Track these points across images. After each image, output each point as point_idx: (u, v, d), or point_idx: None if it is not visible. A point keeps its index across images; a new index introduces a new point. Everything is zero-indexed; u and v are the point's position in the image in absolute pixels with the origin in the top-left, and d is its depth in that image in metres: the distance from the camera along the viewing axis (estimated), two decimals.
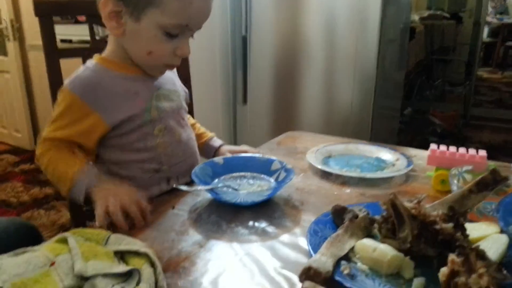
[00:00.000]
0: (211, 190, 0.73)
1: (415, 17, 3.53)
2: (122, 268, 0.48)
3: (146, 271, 0.48)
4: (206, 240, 0.63)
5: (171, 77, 0.90)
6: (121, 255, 0.52)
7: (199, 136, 1.00)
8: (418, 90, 3.80)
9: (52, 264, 0.47)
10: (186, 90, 0.95)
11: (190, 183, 0.79)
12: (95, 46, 1.09)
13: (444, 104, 4.13)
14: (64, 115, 0.76)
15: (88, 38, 1.13)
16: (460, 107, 3.95)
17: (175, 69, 0.96)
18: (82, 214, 1.04)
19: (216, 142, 1.00)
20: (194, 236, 0.64)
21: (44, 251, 0.48)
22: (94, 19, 1.08)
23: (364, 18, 1.90)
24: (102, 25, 1.09)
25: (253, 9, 2.10)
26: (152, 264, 0.50)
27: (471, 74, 4.20)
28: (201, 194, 0.78)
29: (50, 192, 2.67)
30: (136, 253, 0.51)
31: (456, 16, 4.41)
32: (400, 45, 2.31)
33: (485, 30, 5.99)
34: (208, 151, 1.00)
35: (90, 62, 0.80)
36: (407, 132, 3.27)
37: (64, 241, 0.51)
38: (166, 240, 0.63)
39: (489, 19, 6.38)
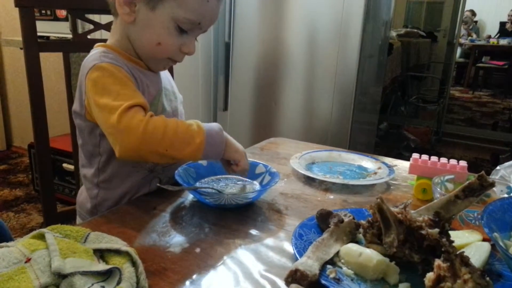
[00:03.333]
0: (194, 191, 0.72)
1: (393, 34, 3.63)
2: (102, 266, 0.46)
3: (127, 270, 0.47)
4: (188, 242, 0.61)
5: (169, 78, 0.89)
6: (101, 254, 0.49)
7: None
8: (393, 105, 3.89)
9: (28, 260, 0.44)
10: (181, 97, 0.93)
11: (174, 184, 0.77)
12: (77, 40, 1.06)
13: (417, 120, 4.25)
14: (124, 82, 0.71)
15: (66, 35, 1.10)
16: (433, 123, 4.07)
17: (169, 74, 0.94)
18: (56, 217, 1.00)
19: None
20: (176, 237, 0.62)
21: (19, 247, 0.46)
22: (76, 12, 1.06)
23: (345, 32, 1.93)
24: (84, 20, 1.07)
25: (236, 16, 2.10)
26: (133, 264, 0.48)
27: (444, 92, 4.35)
28: (184, 195, 0.77)
29: (21, 194, 2.58)
30: (117, 252, 0.49)
31: (431, 35, 4.56)
32: (379, 60, 2.36)
33: (458, 51, 6.23)
34: None
35: (100, 49, 0.77)
36: (382, 146, 3.34)
37: (41, 237, 0.48)
38: (148, 241, 0.61)
39: (461, 40, 6.65)
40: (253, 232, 0.65)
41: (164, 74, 0.87)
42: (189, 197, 0.76)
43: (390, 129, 3.71)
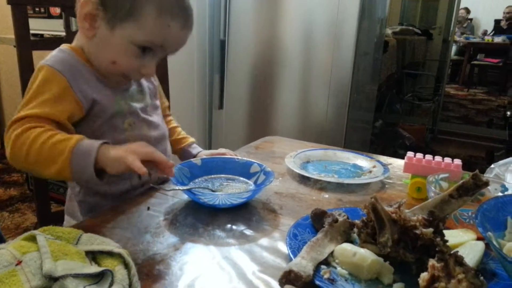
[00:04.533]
0: (188, 191, 0.71)
1: (388, 31, 3.62)
2: (94, 268, 0.45)
3: (120, 272, 0.46)
4: (182, 243, 0.61)
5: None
6: (93, 256, 0.49)
7: (179, 141, 0.98)
8: (389, 103, 3.89)
9: (19, 263, 0.44)
10: (155, 83, 0.91)
11: (166, 182, 0.77)
12: (70, 38, 1.05)
13: (412, 118, 4.25)
14: (43, 91, 0.69)
15: (60, 33, 1.09)
16: (428, 121, 4.07)
17: None
18: (49, 217, 0.99)
19: (195, 149, 0.98)
20: (169, 238, 0.62)
21: (10, 249, 0.45)
22: (70, 10, 1.05)
23: (340, 30, 1.93)
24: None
25: (232, 13, 2.09)
26: (126, 266, 0.48)
27: (439, 90, 4.36)
28: (177, 195, 0.76)
29: (15, 194, 2.56)
30: (109, 254, 0.49)
31: (426, 32, 4.57)
32: (374, 58, 2.36)
33: (453, 48, 6.25)
34: (186, 157, 0.97)
35: (63, 47, 0.76)
36: (377, 144, 3.34)
37: (33, 239, 0.47)
38: (141, 241, 0.60)
39: (456, 37, 6.67)
40: (248, 232, 0.65)
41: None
42: (183, 197, 0.75)
43: (386, 127, 3.71)
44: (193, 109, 2.28)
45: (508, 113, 3.39)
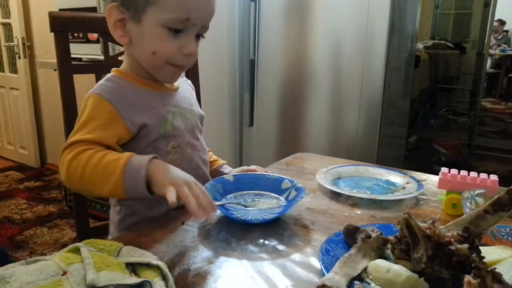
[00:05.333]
0: (221, 207, 0.73)
1: (419, 46, 3.58)
2: (134, 279, 0.47)
3: (158, 283, 0.48)
4: (216, 257, 0.62)
5: (188, 96, 0.90)
6: (133, 267, 0.51)
7: (211, 163, 1.00)
8: (422, 118, 3.82)
9: (64, 273, 0.46)
10: (203, 114, 0.94)
11: None
12: (109, 62, 1.11)
13: (448, 133, 4.14)
14: (93, 118, 0.73)
15: (98, 57, 1.15)
16: (464, 136, 3.96)
17: (193, 91, 0.97)
18: (88, 232, 1.03)
19: (227, 169, 1.00)
20: (204, 252, 0.63)
21: (56, 260, 0.48)
22: (107, 35, 1.11)
23: (370, 46, 1.93)
24: (115, 42, 1.12)
25: (261, 33, 2.14)
26: (164, 277, 0.50)
27: (475, 104, 4.24)
28: None
29: (54, 210, 2.67)
30: (148, 265, 0.51)
31: (459, 46, 4.48)
32: (405, 73, 2.34)
33: (488, 61, 6.08)
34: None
35: (109, 75, 0.81)
36: (412, 160, 3.27)
37: (77, 250, 0.50)
38: (177, 255, 0.62)
39: (491, 51, 6.48)
40: (280, 247, 0.65)
41: (183, 93, 0.88)
42: (216, 212, 0.77)
43: (420, 143, 3.63)
44: (224, 127, 2.32)
45: None
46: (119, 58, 1.14)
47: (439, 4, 5.06)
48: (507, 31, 7.32)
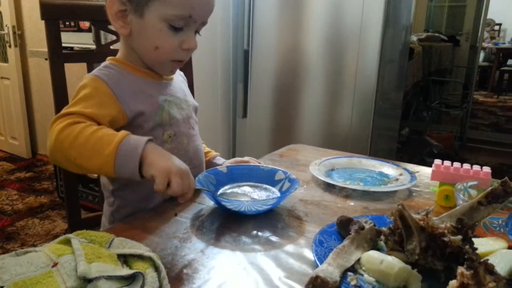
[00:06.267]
0: (214, 198, 0.72)
1: (413, 38, 3.58)
2: (126, 271, 0.47)
3: (150, 275, 0.47)
4: (209, 248, 0.62)
5: (182, 87, 0.90)
6: (125, 259, 0.51)
7: (204, 154, 1.00)
8: (415, 110, 3.83)
9: (55, 265, 0.46)
10: (197, 105, 0.94)
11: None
12: (100, 50, 1.09)
13: (440, 126, 4.17)
14: (90, 96, 0.72)
15: (89, 46, 1.14)
16: (456, 129, 3.98)
17: (186, 82, 0.96)
18: (80, 223, 1.02)
19: (220, 160, 0.99)
20: (197, 243, 0.63)
21: (47, 252, 0.47)
22: (99, 24, 1.09)
23: (365, 38, 1.92)
24: (107, 31, 1.11)
25: (255, 23, 2.12)
26: (156, 269, 0.49)
27: (468, 97, 4.26)
28: (204, 202, 0.78)
29: (45, 201, 2.65)
30: (140, 257, 0.50)
31: (453, 39, 4.48)
32: (399, 65, 2.34)
33: (481, 54, 6.11)
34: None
35: (106, 62, 0.81)
36: (404, 152, 3.28)
37: (67, 242, 0.50)
38: (169, 246, 0.62)
39: (484, 44, 6.52)
40: (273, 238, 0.65)
41: (177, 83, 0.88)
42: (209, 203, 0.77)
43: (412, 135, 3.65)
44: (217, 118, 2.31)
45: None
46: (111, 47, 1.13)
47: None
48: (500, 24, 7.36)
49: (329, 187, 0.87)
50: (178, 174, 0.63)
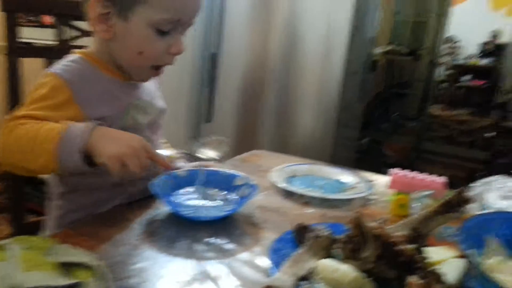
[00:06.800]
0: (170, 203, 0.70)
1: (378, 50, 3.69)
2: (65, 281, 0.44)
3: (93, 284, 0.45)
4: (161, 256, 0.59)
5: (151, 89, 0.86)
6: (68, 267, 0.47)
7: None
8: (376, 121, 3.94)
9: None
10: (165, 108, 0.90)
11: (149, 197, 0.75)
12: (62, 47, 1.04)
13: (398, 137, 4.30)
14: (47, 97, 0.67)
15: (52, 42, 1.09)
16: (413, 140, 4.12)
17: (157, 84, 0.91)
18: (24, 228, 0.96)
19: (181, 163, 0.97)
20: (148, 251, 0.60)
21: None
22: (62, 19, 1.04)
23: (330, 48, 1.96)
24: (71, 27, 1.06)
25: (225, 27, 2.10)
26: (102, 278, 0.46)
27: (425, 110, 4.43)
28: (159, 207, 0.75)
29: None
30: (84, 266, 0.47)
31: (414, 53, 4.66)
32: (363, 77, 2.39)
33: (439, 70, 6.39)
34: None
35: (74, 56, 0.75)
36: (363, 161, 3.36)
37: (3, 248, 0.46)
38: (118, 254, 0.58)
39: (443, 59, 6.82)
40: (229, 246, 0.63)
41: (146, 85, 0.84)
42: (164, 209, 0.74)
43: (372, 145, 3.74)
44: (182, 122, 2.27)
45: (491, 134, 3.45)
46: (74, 43, 1.08)
47: (400, 11, 5.22)
48: (457, 41, 7.73)
49: (288, 194, 0.87)
50: (132, 155, 0.61)
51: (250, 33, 2.08)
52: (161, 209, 0.74)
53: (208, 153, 0.82)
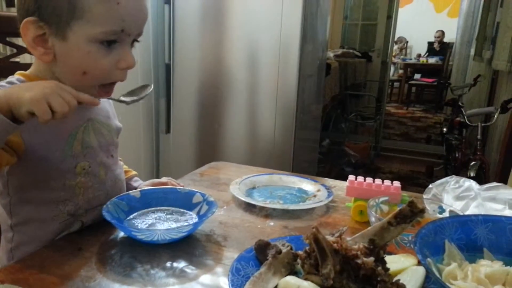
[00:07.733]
0: (125, 228, 0.67)
1: (330, 54, 3.77)
2: None
3: None
4: (116, 286, 0.56)
5: (106, 109, 0.80)
6: None
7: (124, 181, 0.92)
8: (334, 123, 4.02)
9: None
10: (120, 126, 0.84)
11: (101, 222, 0.71)
12: (2, 64, 0.98)
13: (357, 136, 4.42)
14: None
15: None
16: (371, 139, 4.25)
17: (111, 102, 0.84)
18: None
19: (137, 182, 0.91)
20: (102, 281, 0.57)
21: None
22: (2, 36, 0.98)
23: (284, 54, 1.97)
24: (6, 43, 0.99)
25: (176, 36, 2.07)
26: None
27: (380, 109, 4.58)
28: (113, 232, 0.71)
29: None
30: None
31: (366, 55, 4.80)
32: (317, 80, 2.43)
33: (391, 69, 6.64)
34: (128, 190, 0.91)
35: (13, 77, 0.69)
36: (325, 163, 3.41)
37: None
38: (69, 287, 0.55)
39: (394, 59, 7.10)
40: (189, 269, 0.61)
41: (100, 105, 0.77)
42: (119, 234, 0.70)
43: (332, 146, 3.81)
44: (140, 134, 2.21)
45: (444, 129, 3.61)
46: (11, 60, 1.02)
47: (348, 15, 5.38)
48: (407, 42, 8.07)
49: (249, 207, 0.85)
50: (53, 94, 0.56)
51: (202, 41, 2.06)
52: (116, 234, 0.71)
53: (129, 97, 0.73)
